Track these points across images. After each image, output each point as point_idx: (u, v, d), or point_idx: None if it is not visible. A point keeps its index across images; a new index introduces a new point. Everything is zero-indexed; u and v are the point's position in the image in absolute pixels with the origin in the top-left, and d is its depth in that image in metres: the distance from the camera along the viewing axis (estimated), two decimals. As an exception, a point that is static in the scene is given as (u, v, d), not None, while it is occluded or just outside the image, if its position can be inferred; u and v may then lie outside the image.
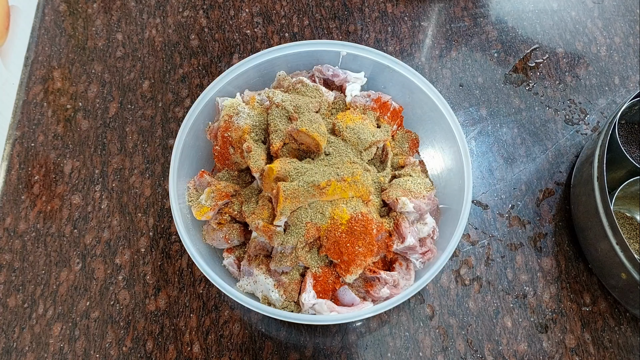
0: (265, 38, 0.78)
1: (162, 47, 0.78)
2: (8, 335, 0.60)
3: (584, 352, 0.60)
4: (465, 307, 0.62)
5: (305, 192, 0.52)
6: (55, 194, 0.68)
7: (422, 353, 0.59)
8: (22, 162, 0.70)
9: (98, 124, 0.72)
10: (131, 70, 0.76)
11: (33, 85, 0.75)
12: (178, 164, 0.56)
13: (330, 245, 0.52)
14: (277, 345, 0.60)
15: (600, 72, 0.77)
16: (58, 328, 0.60)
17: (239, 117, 0.57)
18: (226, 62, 0.76)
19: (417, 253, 0.54)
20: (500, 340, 0.60)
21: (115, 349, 0.59)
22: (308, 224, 0.52)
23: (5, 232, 0.65)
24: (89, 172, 0.69)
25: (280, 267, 0.53)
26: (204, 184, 0.58)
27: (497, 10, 0.82)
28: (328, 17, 0.80)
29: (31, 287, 0.62)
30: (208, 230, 0.57)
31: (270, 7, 0.81)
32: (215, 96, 0.60)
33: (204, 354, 0.59)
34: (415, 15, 0.80)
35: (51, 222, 0.66)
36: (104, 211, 0.67)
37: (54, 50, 0.77)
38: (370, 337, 0.60)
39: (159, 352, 0.59)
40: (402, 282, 0.54)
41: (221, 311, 0.61)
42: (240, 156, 0.57)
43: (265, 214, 0.53)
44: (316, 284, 0.54)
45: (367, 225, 0.52)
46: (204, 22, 0.80)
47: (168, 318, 0.61)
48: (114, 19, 0.80)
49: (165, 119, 0.72)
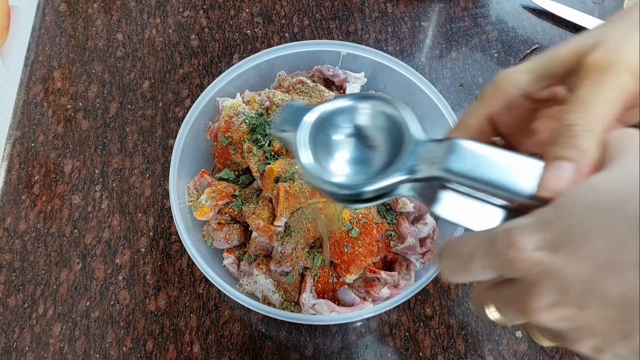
0: (265, 38, 0.78)
1: (162, 47, 0.78)
2: (8, 335, 0.60)
3: (584, 352, 0.60)
4: (465, 307, 0.62)
5: (305, 192, 0.52)
6: (55, 194, 0.68)
7: (422, 353, 0.59)
8: (22, 162, 0.70)
9: (98, 124, 0.72)
10: (131, 70, 0.76)
11: (33, 85, 0.75)
12: (178, 164, 0.56)
13: (330, 246, 0.52)
14: (277, 345, 0.60)
15: (600, 72, 0.77)
16: (58, 328, 0.60)
17: (239, 118, 0.57)
18: (226, 62, 0.77)
19: (417, 253, 0.54)
20: (500, 340, 0.60)
21: (116, 349, 0.59)
22: (308, 224, 0.52)
23: (5, 232, 0.65)
24: (89, 172, 0.69)
25: (280, 267, 0.54)
26: (204, 184, 0.58)
27: (497, 10, 0.82)
28: (328, 17, 0.80)
29: (31, 287, 0.62)
30: (208, 230, 0.57)
31: (271, 7, 0.81)
32: (215, 96, 0.60)
33: (204, 354, 0.59)
34: (415, 15, 0.80)
35: (51, 222, 0.66)
36: (104, 211, 0.67)
37: (54, 50, 0.77)
38: (370, 337, 0.60)
39: (159, 352, 0.59)
40: (402, 282, 0.54)
41: (221, 311, 0.61)
42: (241, 156, 0.57)
43: (265, 214, 0.53)
44: (316, 284, 0.54)
45: (367, 226, 0.52)
46: (204, 22, 0.80)
47: (168, 318, 0.61)
48: (114, 19, 0.80)
49: (165, 119, 0.72)
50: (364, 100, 0.33)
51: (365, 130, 0.33)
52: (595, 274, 0.22)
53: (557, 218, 0.24)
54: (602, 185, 0.23)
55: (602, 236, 0.22)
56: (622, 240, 0.21)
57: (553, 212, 0.24)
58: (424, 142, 0.30)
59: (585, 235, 0.22)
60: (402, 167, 0.29)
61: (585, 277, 0.22)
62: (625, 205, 0.21)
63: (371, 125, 0.33)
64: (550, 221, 0.24)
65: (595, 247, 0.22)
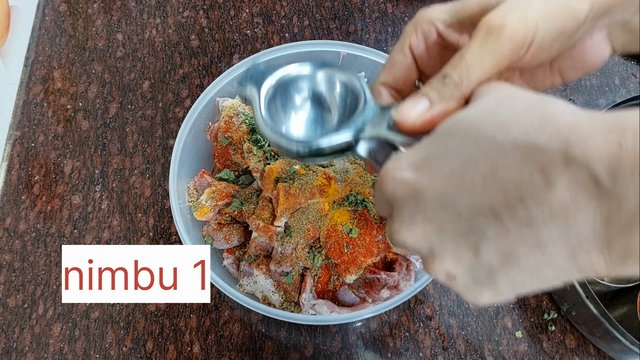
0: (265, 38, 0.78)
1: (162, 48, 0.78)
2: (8, 336, 0.60)
3: (584, 353, 0.60)
4: (465, 307, 0.62)
5: (305, 192, 0.52)
6: (55, 194, 0.68)
7: (422, 353, 0.59)
8: (22, 162, 0.70)
9: (98, 124, 0.72)
10: (131, 71, 0.76)
11: (33, 85, 0.75)
12: (178, 164, 0.56)
13: (330, 246, 0.52)
14: (277, 345, 0.60)
15: (600, 72, 0.77)
16: (58, 328, 0.60)
17: (239, 118, 0.57)
18: (226, 62, 0.77)
19: (417, 254, 0.54)
20: (500, 340, 0.60)
21: (115, 349, 0.59)
22: (308, 225, 0.52)
23: (5, 232, 0.65)
24: (89, 172, 0.69)
25: (280, 267, 0.53)
26: (204, 184, 0.58)
27: (497, 11, 0.82)
28: (328, 17, 0.80)
29: (31, 287, 0.62)
30: (208, 231, 0.57)
31: (271, 7, 0.81)
32: (215, 96, 0.60)
33: (204, 354, 0.59)
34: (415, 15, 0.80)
35: (51, 222, 0.66)
36: (104, 211, 0.67)
37: (54, 51, 0.77)
38: (370, 337, 0.60)
39: (159, 353, 0.59)
40: (402, 283, 0.54)
41: (221, 311, 0.61)
42: (241, 156, 0.57)
43: (265, 215, 0.53)
44: (316, 284, 0.54)
45: (367, 226, 0.52)
46: (204, 22, 0.80)
47: (168, 318, 0.61)
48: (114, 19, 0.80)
49: (165, 119, 0.72)
50: (322, 68, 0.36)
51: (323, 95, 0.36)
52: (449, 189, 0.24)
53: (425, 144, 0.26)
54: (462, 116, 0.26)
55: (457, 156, 0.24)
56: (472, 159, 0.24)
57: (425, 141, 0.27)
58: (373, 106, 0.33)
59: (443, 156, 0.25)
60: (352, 126, 0.32)
61: (441, 193, 0.24)
62: (477, 130, 0.24)
63: (328, 90, 0.36)
64: (420, 148, 0.27)
65: (451, 167, 0.24)
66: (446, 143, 0.25)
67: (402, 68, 0.34)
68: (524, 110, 0.24)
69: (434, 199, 0.25)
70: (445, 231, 0.25)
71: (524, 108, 0.24)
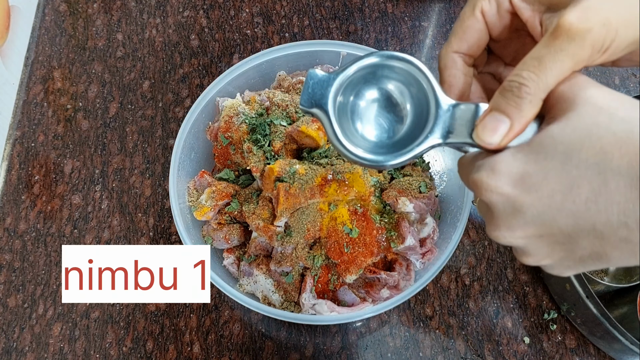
0: (265, 38, 0.78)
1: (162, 47, 0.78)
2: (8, 335, 0.60)
3: (584, 353, 0.60)
4: (465, 307, 0.62)
5: (305, 192, 0.52)
6: (55, 194, 0.68)
7: (422, 353, 0.59)
8: (22, 162, 0.70)
9: (98, 124, 0.72)
10: (131, 70, 0.76)
11: (33, 85, 0.75)
12: (178, 164, 0.56)
13: (330, 246, 0.52)
14: (277, 345, 0.60)
15: (600, 72, 0.77)
16: (58, 328, 0.60)
17: (239, 118, 0.57)
18: (226, 62, 0.76)
19: (417, 253, 0.54)
20: (500, 340, 0.60)
21: (115, 349, 0.59)
22: (308, 224, 0.52)
23: (5, 232, 0.65)
24: (89, 172, 0.69)
25: (280, 267, 0.53)
26: (204, 184, 0.58)
27: (497, 11, 0.82)
28: (328, 17, 0.80)
29: (31, 287, 0.62)
30: (208, 231, 0.57)
31: (271, 7, 0.81)
32: (215, 96, 0.60)
33: (204, 354, 0.59)
34: (415, 15, 0.80)
35: (51, 222, 0.66)
36: (104, 211, 0.67)
37: (54, 50, 0.77)
38: (370, 337, 0.60)
39: (159, 352, 0.59)
40: (402, 283, 0.54)
41: (221, 311, 0.61)
42: (241, 156, 0.57)
43: (265, 214, 0.53)
44: (316, 284, 0.54)
45: (367, 226, 0.52)
46: (204, 22, 0.80)
47: (168, 318, 0.61)
48: (114, 19, 0.80)
49: (165, 119, 0.72)
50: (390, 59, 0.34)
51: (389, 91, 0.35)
52: (550, 210, 0.27)
53: (522, 161, 0.28)
54: (559, 137, 0.27)
55: (558, 179, 0.26)
56: (575, 183, 0.26)
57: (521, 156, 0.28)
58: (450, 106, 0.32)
59: (544, 178, 0.27)
60: (434, 134, 0.31)
61: (541, 211, 0.27)
62: (578, 155, 0.26)
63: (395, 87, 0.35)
64: (517, 164, 0.28)
65: (552, 188, 0.26)
66: (546, 164, 0.27)
67: (476, 33, 0.34)
68: (625, 135, 0.25)
69: (534, 215, 0.27)
70: (543, 238, 0.28)
71: (624, 132, 0.25)
